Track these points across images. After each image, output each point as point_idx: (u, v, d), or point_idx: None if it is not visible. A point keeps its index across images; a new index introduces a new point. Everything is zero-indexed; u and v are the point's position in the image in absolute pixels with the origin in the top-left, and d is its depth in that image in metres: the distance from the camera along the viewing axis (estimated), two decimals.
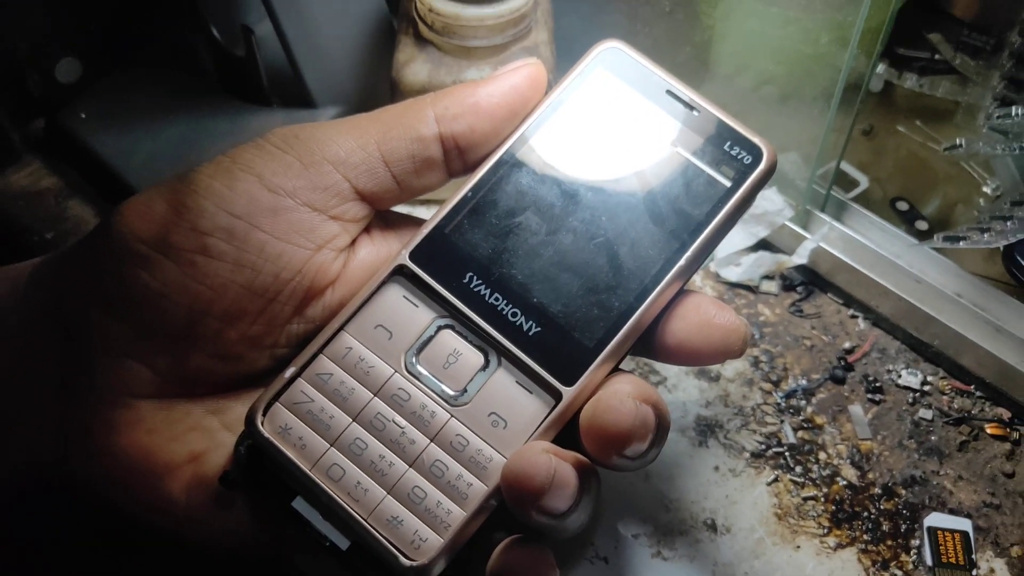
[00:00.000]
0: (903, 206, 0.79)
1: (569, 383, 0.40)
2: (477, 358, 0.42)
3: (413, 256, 0.43)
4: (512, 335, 0.41)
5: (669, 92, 0.44)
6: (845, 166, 0.79)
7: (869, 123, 0.83)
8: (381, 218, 0.46)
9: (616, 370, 0.42)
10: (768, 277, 0.77)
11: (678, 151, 0.43)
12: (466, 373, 0.41)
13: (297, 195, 0.41)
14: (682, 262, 0.42)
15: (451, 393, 0.41)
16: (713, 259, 0.74)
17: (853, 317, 0.75)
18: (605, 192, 0.42)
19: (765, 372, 0.72)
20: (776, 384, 0.71)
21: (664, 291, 0.42)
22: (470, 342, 0.42)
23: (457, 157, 0.44)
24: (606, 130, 0.44)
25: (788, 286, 0.76)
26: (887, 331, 0.73)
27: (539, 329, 0.41)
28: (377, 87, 0.75)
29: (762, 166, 0.43)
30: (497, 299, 0.41)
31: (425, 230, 0.43)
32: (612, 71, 0.44)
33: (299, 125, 0.43)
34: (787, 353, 0.73)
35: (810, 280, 0.76)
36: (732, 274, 0.76)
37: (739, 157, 0.43)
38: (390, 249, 0.45)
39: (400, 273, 0.42)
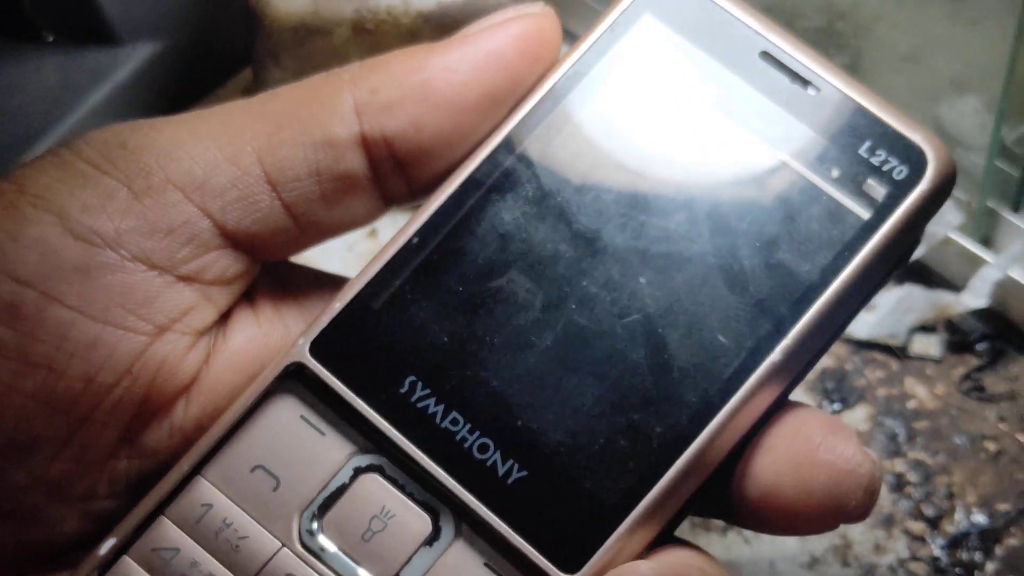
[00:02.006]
0: None
1: (573, 569, 0.34)
2: (420, 523, 0.36)
3: (317, 348, 0.36)
4: (480, 485, 0.35)
5: (766, 55, 0.37)
6: None
7: None
8: (274, 278, 0.39)
9: (666, 541, 0.36)
10: (924, 329, 0.71)
11: (780, 159, 0.37)
12: (402, 550, 0.35)
13: (123, 243, 0.36)
14: (778, 354, 0.35)
15: None
16: None
17: None
18: (648, 235, 0.37)
19: (916, 501, 0.65)
20: (934, 523, 0.64)
21: (744, 407, 0.35)
22: (409, 496, 0.36)
23: (395, 173, 0.37)
24: (653, 126, 0.38)
25: (959, 345, 0.70)
26: None
27: (524, 474, 0.35)
28: (225, 13, 0.74)
29: (925, 184, 0.36)
30: (456, 422, 0.36)
31: (338, 305, 0.37)
32: (666, 20, 0.38)
33: (127, 124, 0.37)
34: (954, 466, 0.66)
35: (998, 333, 0.70)
36: (861, 326, 0.71)
37: (886, 168, 0.36)
38: (287, 333, 0.38)
39: (295, 377, 0.37)
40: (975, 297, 0.67)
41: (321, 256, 0.60)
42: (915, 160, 0.36)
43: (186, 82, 0.79)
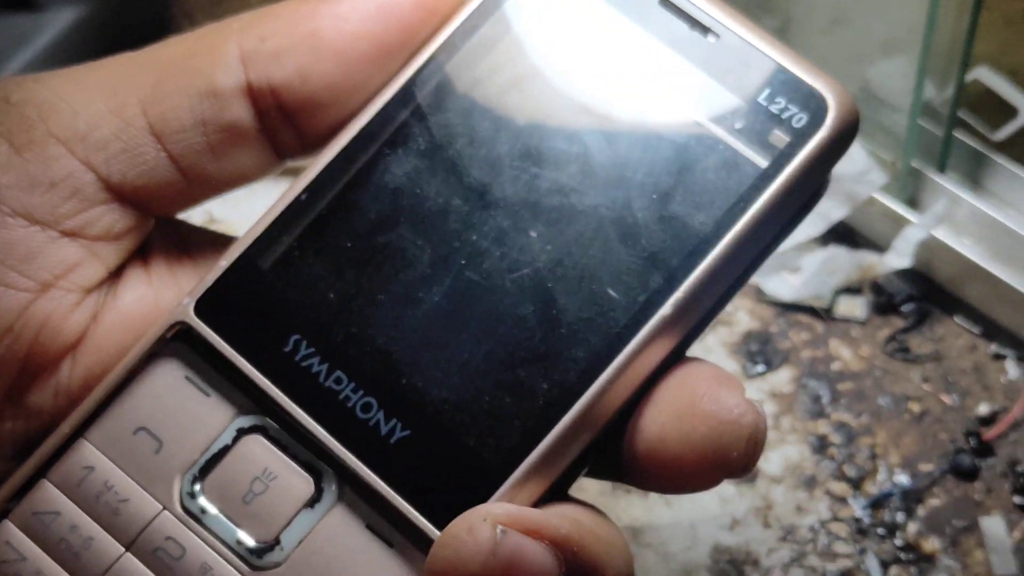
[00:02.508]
0: None
1: None
2: (302, 485, 0.35)
3: (202, 309, 0.36)
4: (363, 445, 0.35)
5: (666, 2, 0.37)
6: (984, 75, 0.73)
7: None
8: (172, 238, 0.39)
9: (560, 500, 0.35)
10: (849, 291, 0.72)
11: (678, 108, 0.36)
12: (282, 511, 0.35)
13: (3, 198, 0.35)
14: (669, 308, 0.35)
15: (254, 546, 0.34)
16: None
17: (997, 358, 0.68)
18: (541, 188, 0.36)
19: (838, 463, 0.65)
20: (857, 484, 0.64)
21: (634, 362, 0.35)
22: (291, 457, 0.35)
23: (284, 125, 0.36)
24: (550, 78, 0.37)
25: (885, 306, 0.70)
26: None
27: (407, 434, 0.35)
28: None
29: (825, 131, 0.35)
30: (339, 381, 0.35)
31: (223, 264, 0.36)
32: None
33: (12, 79, 0.37)
34: (877, 427, 0.67)
35: (924, 294, 0.71)
36: (785, 288, 0.71)
37: (786, 116, 0.35)
38: (179, 293, 0.37)
39: (180, 339, 0.36)
40: (899, 257, 0.69)
41: (223, 211, 0.62)
42: (815, 107, 0.35)
43: (108, 48, 0.76)
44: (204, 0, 0.64)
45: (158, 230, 0.38)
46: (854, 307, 0.70)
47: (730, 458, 0.35)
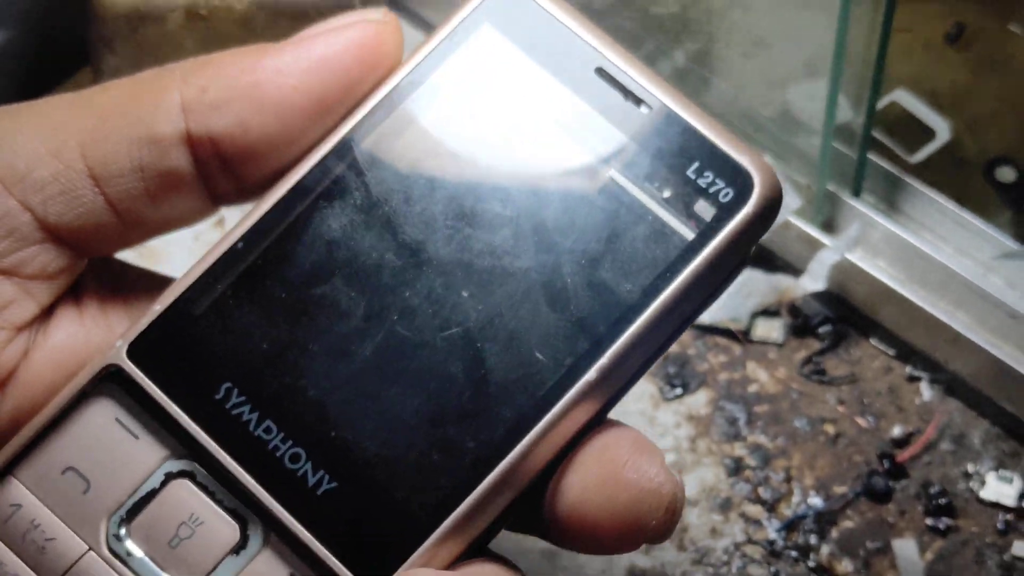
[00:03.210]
0: (1008, 175, 0.72)
1: None
2: (228, 531, 0.35)
3: (135, 351, 0.36)
4: (289, 494, 0.35)
5: (601, 71, 0.38)
6: (902, 98, 0.74)
7: (955, 19, 0.77)
8: (103, 276, 0.39)
9: (481, 556, 0.36)
10: (766, 313, 0.72)
11: (609, 177, 0.37)
12: (207, 557, 0.35)
13: None
14: (594, 373, 0.35)
15: None
16: None
17: (911, 380, 0.68)
18: (473, 248, 0.37)
19: (753, 485, 0.65)
20: (771, 507, 0.64)
21: (559, 424, 0.35)
22: (218, 503, 0.35)
23: (222, 173, 0.37)
24: (486, 139, 0.38)
25: (802, 329, 0.71)
26: (967, 403, 0.68)
27: (335, 485, 0.35)
28: (67, 6, 0.73)
29: (750, 207, 0.36)
30: (269, 430, 0.35)
31: (157, 308, 0.36)
32: (505, 31, 0.38)
33: None
34: (793, 449, 0.67)
35: (840, 316, 0.71)
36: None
37: (713, 190, 0.36)
38: (111, 332, 0.38)
39: (112, 380, 0.36)
40: (813, 280, 0.68)
41: (166, 246, 0.60)
42: (741, 183, 0.36)
43: (28, 77, 0.78)
44: (122, 26, 0.64)
45: (91, 268, 0.39)
46: (771, 329, 0.70)
47: (648, 526, 0.35)
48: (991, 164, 0.72)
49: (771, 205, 0.37)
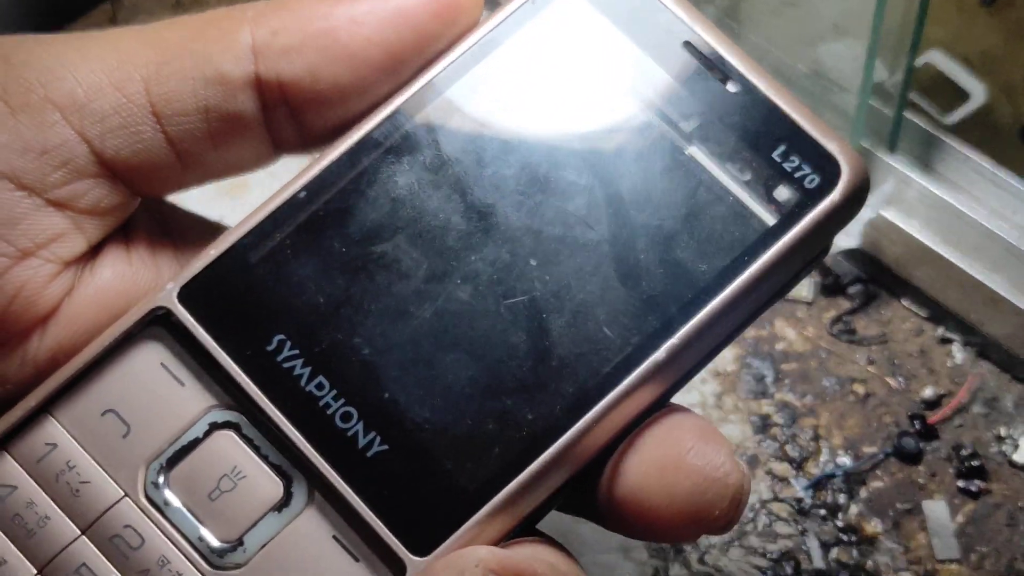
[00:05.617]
0: None
1: (423, 551, 0.34)
2: (271, 487, 0.35)
3: (186, 296, 0.36)
4: (338, 454, 0.35)
5: (688, 45, 0.37)
6: (936, 59, 0.73)
7: None
8: (154, 218, 0.39)
9: (528, 534, 0.35)
10: None
11: (691, 154, 0.37)
12: (248, 512, 0.35)
13: None
14: (662, 354, 0.35)
15: (216, 546, 0.35)
16: None
17: (943, 342, 0.68)
18: (544, 216, 0.37)
19: (780, 443, 0.65)
20: (799, 465, 0.65)
21: (621, 404, 0.35)
22: (263, 458, 0.35)
23: (288, 120, 0.37)
24: (564, 106, 0.37)
25: (831, 287, 0.70)
26: (1000, 366, 0.67)
27: (385, 449, 0.35)
28: None
29: (836, 195, 0.35)
30: (321, 387, 0.35)
31: (213, 252, 0.36)
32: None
33: (12, 37, 0.37)
34: (821, 408, 0.67)
35: (870, 277, 0.71)
36: None
37: (798, 175, 0.35)
38: (158, 275, 0.38)
39: (160, 323, 0.36)
40: (847, 237, 0.67)
41: (208, 199, 0.62)
42: (828, 169, 0.36)
43: (47, 9, 0.78)
44: None
45: (143, 208, 0.38)
46: (801, 287, 0.69)
47: (710, 516, 0.35)
48: None
49: (857, 195, 0.36)
